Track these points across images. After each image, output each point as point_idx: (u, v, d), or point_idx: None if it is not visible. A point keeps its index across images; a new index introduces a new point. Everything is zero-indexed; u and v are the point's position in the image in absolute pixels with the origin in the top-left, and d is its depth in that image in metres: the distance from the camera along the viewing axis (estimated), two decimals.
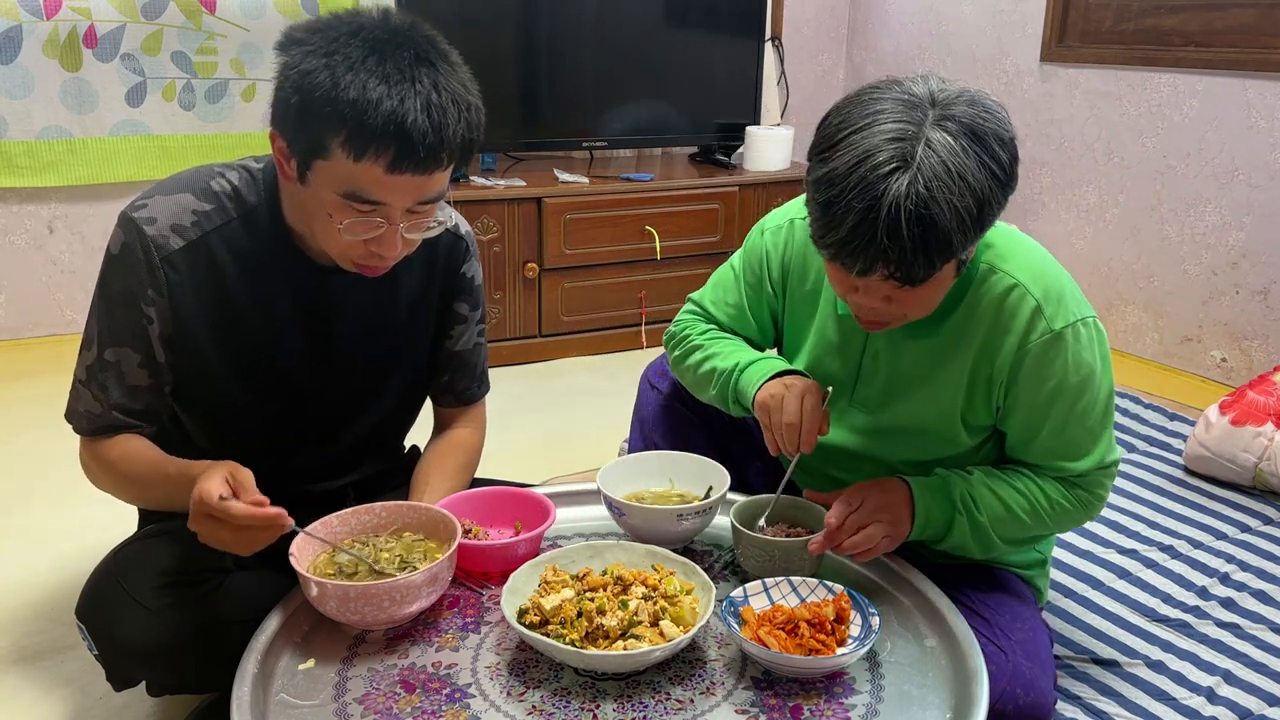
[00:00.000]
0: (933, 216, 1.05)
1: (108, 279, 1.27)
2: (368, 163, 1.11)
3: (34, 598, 1.80)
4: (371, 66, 1.10)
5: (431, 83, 1.12)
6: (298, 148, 1.15)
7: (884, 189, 1.05)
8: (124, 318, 1.26)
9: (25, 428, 2.54)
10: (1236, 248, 2.96)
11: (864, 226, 1.06)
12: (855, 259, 1.10)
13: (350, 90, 1.09)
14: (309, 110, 1.11)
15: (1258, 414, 2.18)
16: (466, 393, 1.54)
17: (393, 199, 1.15)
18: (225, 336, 1.29)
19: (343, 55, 1.11)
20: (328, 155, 1.12)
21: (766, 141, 3.46)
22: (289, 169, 1.18)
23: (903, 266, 1.08)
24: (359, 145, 1.10)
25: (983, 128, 1.09)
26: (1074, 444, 1.29)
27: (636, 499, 1.42)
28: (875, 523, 1.26)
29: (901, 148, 1.06)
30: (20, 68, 2.86)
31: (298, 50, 1.13)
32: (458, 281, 1.45)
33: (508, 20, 3.22)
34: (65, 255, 3.13)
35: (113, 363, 1.27)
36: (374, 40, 1.12)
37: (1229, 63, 2.90)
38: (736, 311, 1.51)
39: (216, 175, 1.29)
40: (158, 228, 1.24)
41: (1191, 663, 1.60)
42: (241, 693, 1.08)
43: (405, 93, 1.10)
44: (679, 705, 1.10)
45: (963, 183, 1.06)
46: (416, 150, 1.11)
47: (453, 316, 1.47)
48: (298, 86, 1.11)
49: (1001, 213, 1.15)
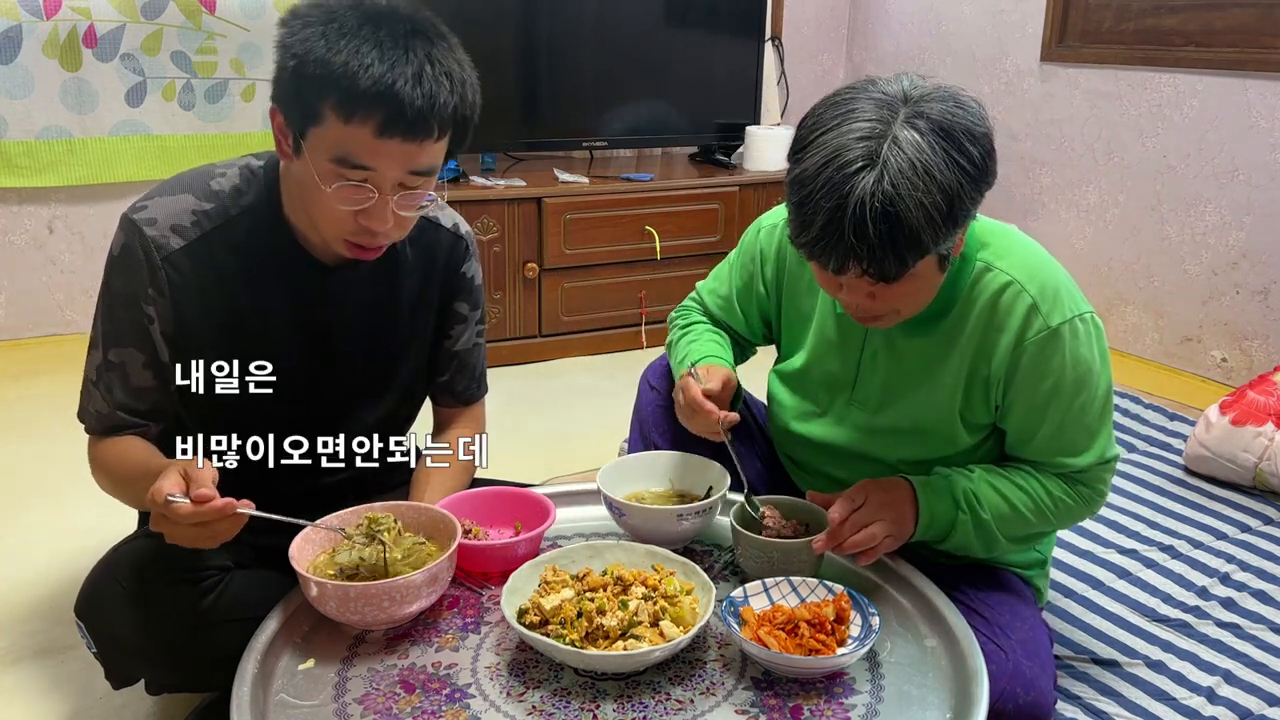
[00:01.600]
0: (899, 214, 1.07)
1: (110, 281, 1.28)
2: (357, 125, 1.12)
3: (34, 597, 1.80)
4: (366, 34, 1.12)
5: (425, 54, 1.13)
6: (293, 116, 1.17)
7: (850, 188, 1.07)
8: (126, 318, 1.26)
9: (25, 428, 2.54)
10: (1237, 248, 2.96)
11: (832, 226, 1.09)
12: (828, 257, 1.12)
13: (343, 54, 1.11)
14: (303, 75, 1.13)
15: (1258, 414, 2.18)
16: (465, 393, 1.54)
17: (382, 164, 1.15)
18: (226, 335, 1.29)
19: (339, 23, 1.13)
20: (321, 120, 1.14)
21: (766, 141, 3.46)
22: (286, 145, 1.19)
23: (873, 264, 1.10)
24: (349, 106, 1.11)
25: (952, 124, 1.10)
26: (1073, 440, 1.29)
27: (636, 499, 1.42)
28: (878, 521, 1.26)
29: (869, 146, 1.08)
30: (20, 68, 2.86)
31: (297, 22, 1.15)
32: (457, 281, 1.45)
33: (508, 20, 3.22)
34: (65, 255, 3.13)
35: (117, 363, 1.28)
36: (372, 12, 1.14)
37: (1229, 63, 2.90)
38: (725, 304, 1.55)
39: (217, 175, 1.29)
40: (158, 228, 1.24)
41: (1191, 663, 1.60)
42: (241, 693, 1.08)
43: (397, 58, 1.11)
44: (679, 705, 1.10)
45: (929, 179, 1.07)
46: (404, 113, 1.11)
47: (452, 316, 1.47)
48: (293, 53, 1.14)
49: (977, 208, 1.16)
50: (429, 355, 1.49)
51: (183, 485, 1.11)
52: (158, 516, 1.12)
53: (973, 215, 1.16)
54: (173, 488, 1.10)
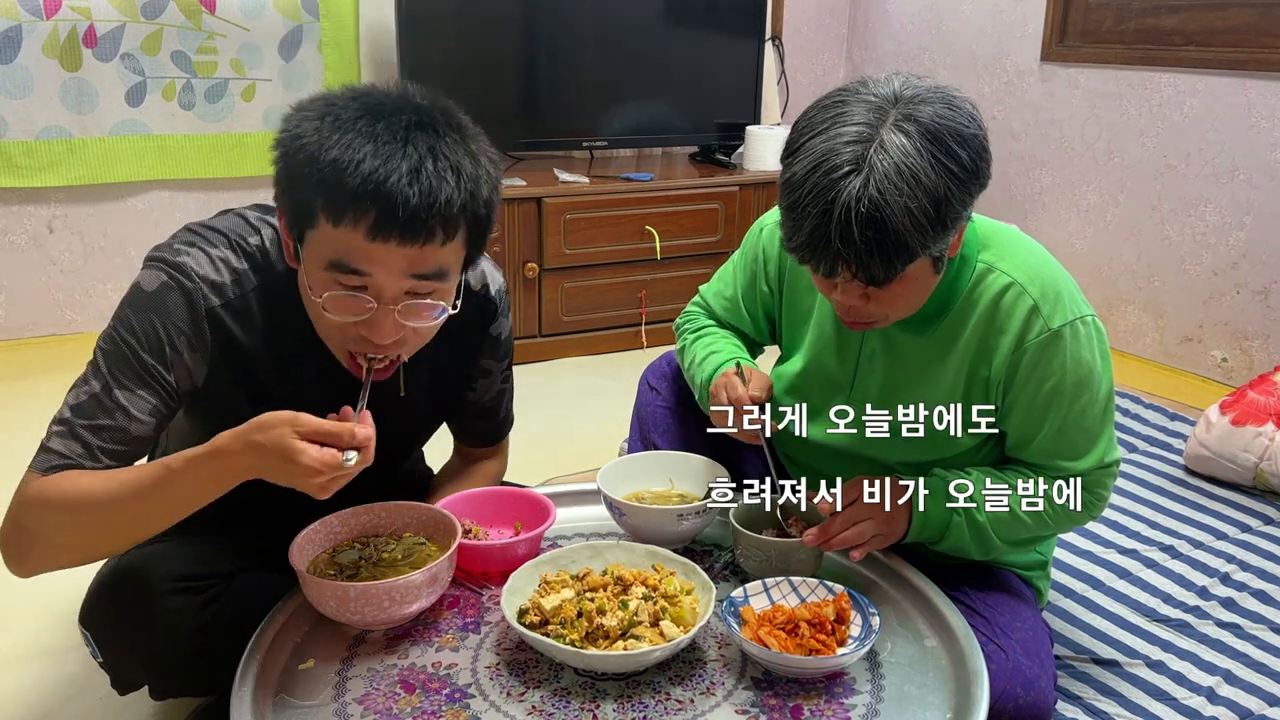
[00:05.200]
0: (884, 218, 1.07)
1: (134, 319, 1.15)
2: (347, 227, 1.03)
3: (34, 597, 1.80)
4: (363, 127, 1.03)
5: (428, 147, 1.04)
6: (290, 220, 1.09)
7: (836, 192, 1.08)
8: (145, 361, 1.14)
9: (25, 427, 2.53)
10: (1237, 247, 2.96)
11: (820, 231, 1.10)
12: (817, 262, 1.13)
13: (334, 150, 1.02)
14: (293, 174, 1.05)
15: (1258, 414, 2.18)
16: (487, 434, 1.51)
17: (379, 270, 1.06)
18: (249, 393, 1.21)
19: (334, 116, 1.04)
20: (314, 223, 1.05)
21: (766, 141, 3.46)
22: (289, 252, 1.12)
23: (861, 269, 1.11)
24: (338, 207, 1.02)
25: (940, 127, 1.10)
26: (1074, 443, 1.29)
27: (636, 499, 1.42)
28: (868, 519, 1.26)
29: (856, 151, 1.09)
30: (20, 68, 2.86)
31: (297, 115, 1.07)
32: (483, 341, 1.38)
33: (508, 20, 3.22)
34: (65, 255, 3.13)
35: (120, 406, 1.14)
36: (373, 102, 1.06)
37: (1229, 63, 2.90)
38: (731, 305, 1.54)
39: (253, 231, 1.21)
40: (201, 280, 1.15)
41: (1192, 663, 1.60)
42: (241, 693, 1.08)
43: (393, 153, 1.02)
44: (679, 705, 1.10)
45: (914, 183, 1.08)
46: (397, 212, 1.01)
47: (476, 371, 1.41)
48: (285, 150, 1.06)
49: (969, 209, 1.16)
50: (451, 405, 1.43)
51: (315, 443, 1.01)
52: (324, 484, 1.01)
53: (965, 217, 1.16)
54: (326, 453, 1.00)
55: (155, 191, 3.18)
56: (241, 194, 3.27)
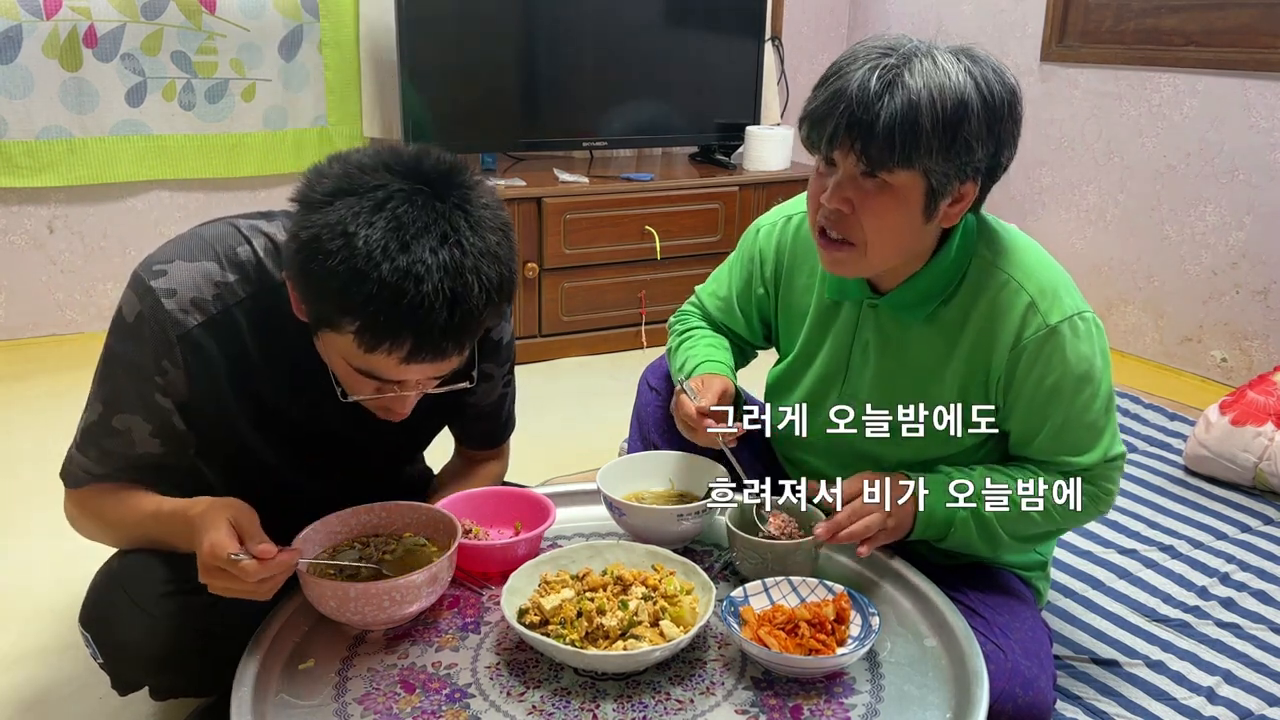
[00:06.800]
0: (906, 98, 1.11)
1: (115, 346, 1.19)
2: (382, 354, 1.05)
3: (34, 597, 1.80)
4: (394, 253, 0.99)
5: (455, 265, 1.02)
6: (308, 310, 1.09)
7: (867, 68, 1.13)
8: (131, 387, 1.19)
9: (25, 427, 2.54)
10: (1236, 248, 2.96)
11: (840, 94, 1.14)
12: (826, 122, 1.15)
13: (367, 284, 0.99)
14: (323, 286, 1.03)
15: (1258, 414, 2.18)
16: (489, 437, 1.51)
17: (408, 379, 1.12)
18: (242, 404, 1.24)
19: (363, 232, 1.00)
20: (339, 331, 1.05)
21: (766, 141, 3.46)
22: (300, 311, 1.12)
23: (866, 135, 1.12)
24: (373, 339, 1.03)
25: (978, 55, 1.17)
26: (1077, 438, 1.29)
27: (636, 499, 1.42)
28: (876, 512, 1.26)
29: (891, 54, 1.14)
30: (20, 68, 2.86)
31: (314, 193, 1.04)
32: (484, 345, 1.37)
33: (508, 20, 3.21)
34: (65, 255, 3.13)
35: (122, 430, 1.20)
36: (398, 218, 1.01)
37: (1229, 63, 2.90)
38: (725, 305, 1.55)
39: (242, 241, 1.20)
40: (177, 301, 1.15)
41: (1191, 663, 1.60)
42: (241, 693, 1.08)
43: (425, 281, 1.00)
44: (679, 705, 1.10)
45: (945, 81, 1.12)
46: (435, 343, 1.04)
47: (478, 375, 1.39)
48: (311, 254, 1.02)
49: (978, 152, 1.16)
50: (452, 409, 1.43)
51: (235, 539, 1.08)
52: (213, 570, 1.08)
53: (972, 166, 1.17)
54: (230, 543, 1.06)
55: (155, 191, 3.18)
56: (241, 194, 3.27)
